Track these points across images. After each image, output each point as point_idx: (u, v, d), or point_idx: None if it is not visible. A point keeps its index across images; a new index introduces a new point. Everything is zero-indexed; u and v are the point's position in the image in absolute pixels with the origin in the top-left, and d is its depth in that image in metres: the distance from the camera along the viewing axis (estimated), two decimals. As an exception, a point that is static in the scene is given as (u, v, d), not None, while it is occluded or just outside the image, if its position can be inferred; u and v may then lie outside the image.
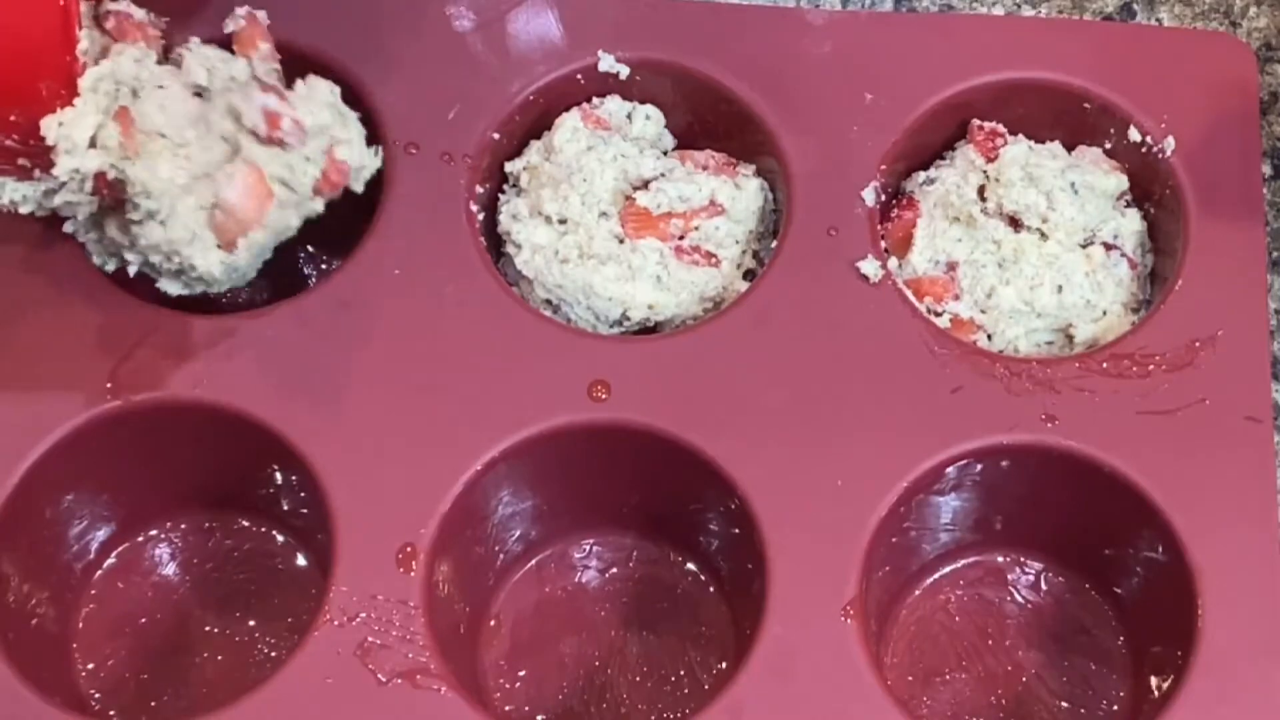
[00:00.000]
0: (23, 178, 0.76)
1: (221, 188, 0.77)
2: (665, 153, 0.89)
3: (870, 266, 0.84)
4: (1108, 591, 0.84)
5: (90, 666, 0.83)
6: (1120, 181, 0.87)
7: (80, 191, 0.76)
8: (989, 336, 0.85)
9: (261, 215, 0.78)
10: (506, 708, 0.82)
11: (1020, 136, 0.88)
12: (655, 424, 0.80)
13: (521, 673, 0.83)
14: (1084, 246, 0.85)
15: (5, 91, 0.73)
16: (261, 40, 0.81)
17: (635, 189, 0.86)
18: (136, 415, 0.81)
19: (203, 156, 0.77)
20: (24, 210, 0.78)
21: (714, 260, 0.85)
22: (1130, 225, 0.87)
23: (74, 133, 0.74)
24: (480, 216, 0.86)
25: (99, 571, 0.84)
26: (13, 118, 0.73)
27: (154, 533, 0.85)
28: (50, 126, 0.74)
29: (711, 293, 0.85)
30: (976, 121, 0.88)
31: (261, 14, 0.81)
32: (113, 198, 0.77)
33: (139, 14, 0.78)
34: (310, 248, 0.90)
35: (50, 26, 0.73)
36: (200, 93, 0.79)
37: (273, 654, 0.82)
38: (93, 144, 0.75)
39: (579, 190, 0.85)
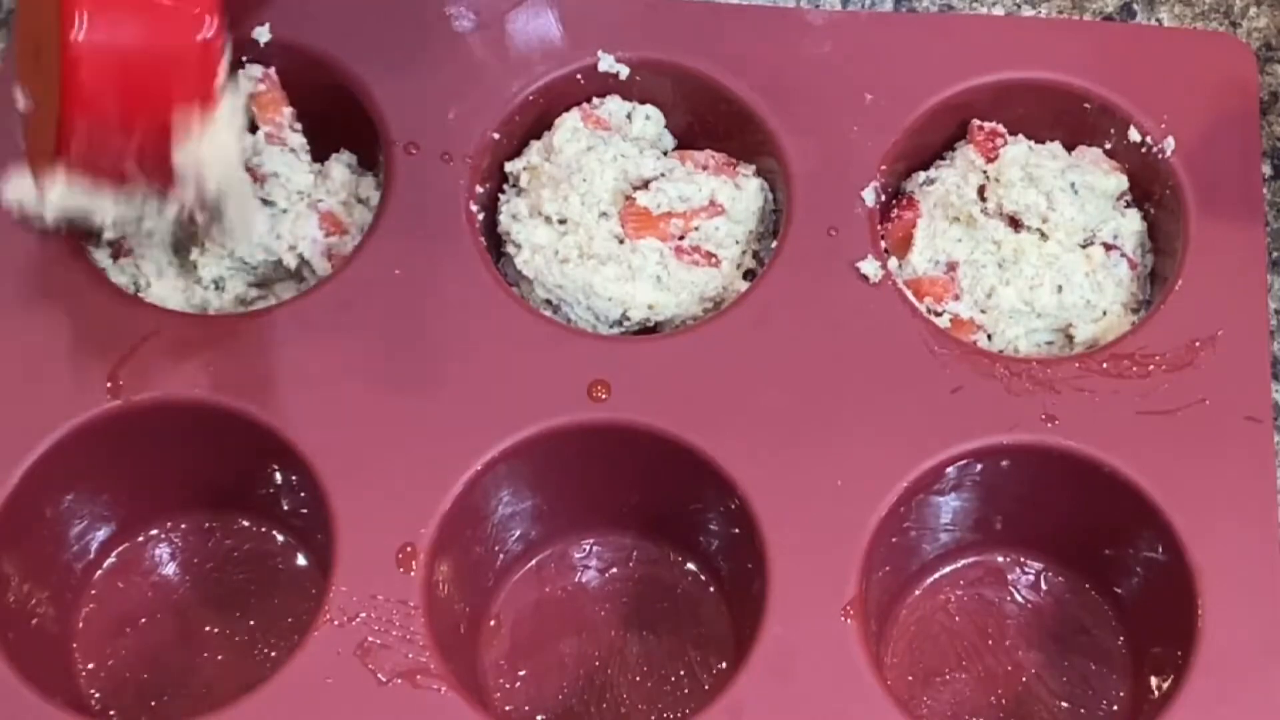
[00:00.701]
0: (121, 194, 0.75)
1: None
2: (665, 153, 0.89)
3: (870, 266, 0.84)
4: (1108, 591, 0.84)
5: (90, 666, 0.83)
6: (1120, 181, 0.87)
7: (174, 219, 0.76)
8: (989, 336, 0.85)
9: None
10: (506, 708, 0.82)
11: (1020, 136, 0.88)
12: (655, 424, 0.80)
13: (521, 673, 0.83)
14: (1084, 246, 0.85)
15: (143, 115, 0.72)
16: (284, 105, 0.84)
17: (635, 189, 0.86)
18: (136, 415, 0.81)
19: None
20: (108, 236, 0.81)
21: (714, 260, 0.85)
22: (1130, 225, 0.87)
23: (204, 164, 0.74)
24: (480, 216, 0.86)
25: (99, 571, 0.84)
26: (143, 143, 0.73)
27: (154, 533, 0.85)
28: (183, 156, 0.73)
29: (711, 293, 0.85)
30: (976, 121, 0.88)
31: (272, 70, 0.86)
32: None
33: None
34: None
35: (192, 57, 0.72)
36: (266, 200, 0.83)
37: (273, 654, 0.82)
38: None
39: (579, 190, 0.85)
